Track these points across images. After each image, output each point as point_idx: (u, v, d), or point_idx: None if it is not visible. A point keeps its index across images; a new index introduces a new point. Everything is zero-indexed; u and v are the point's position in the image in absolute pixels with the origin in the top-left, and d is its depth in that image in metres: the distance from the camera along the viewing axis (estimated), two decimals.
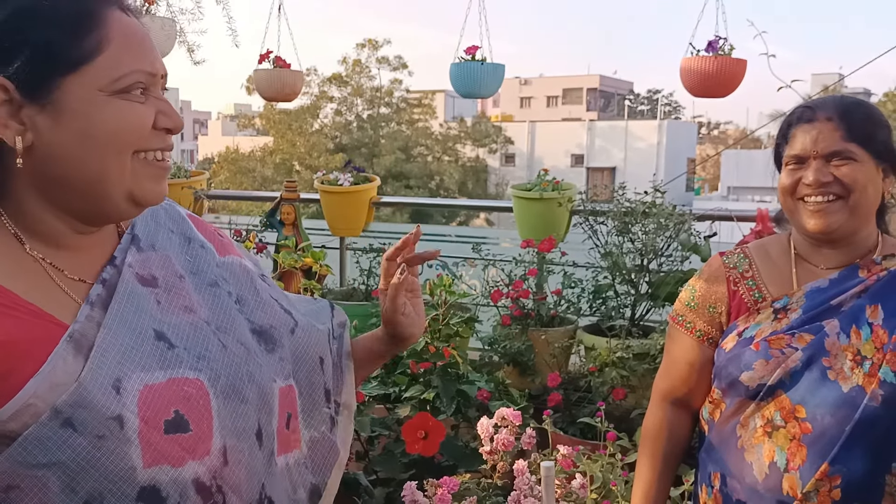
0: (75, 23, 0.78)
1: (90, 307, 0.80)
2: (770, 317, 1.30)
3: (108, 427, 0.74)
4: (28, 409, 0.71)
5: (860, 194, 1.24)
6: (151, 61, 0.82)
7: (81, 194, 0.81)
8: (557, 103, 43.80)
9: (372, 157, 24.00)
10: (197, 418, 0.80)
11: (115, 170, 0.80)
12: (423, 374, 2.26)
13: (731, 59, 3.06)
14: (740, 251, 1.41)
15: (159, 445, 0.76)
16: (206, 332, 0.86)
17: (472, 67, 3.47)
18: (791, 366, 1.24)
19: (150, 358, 0.80)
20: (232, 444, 0.83)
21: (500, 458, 1.44)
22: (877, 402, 1.18)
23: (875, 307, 1.24)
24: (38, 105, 0.77)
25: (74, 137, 0.78)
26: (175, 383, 0.80)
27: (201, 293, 0.90)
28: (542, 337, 2.86)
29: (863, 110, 1.29)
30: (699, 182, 34.95)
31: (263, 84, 3.84)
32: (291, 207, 3.74)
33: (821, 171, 1.24)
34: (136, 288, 0.84)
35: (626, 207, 2.99)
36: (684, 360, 1.40)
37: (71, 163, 0.79)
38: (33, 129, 0.77)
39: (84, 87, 0.78)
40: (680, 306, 1.42)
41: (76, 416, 0.73)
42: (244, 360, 0.88)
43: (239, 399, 0.85)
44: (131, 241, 0.89)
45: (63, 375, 0.73)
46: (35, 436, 0.71)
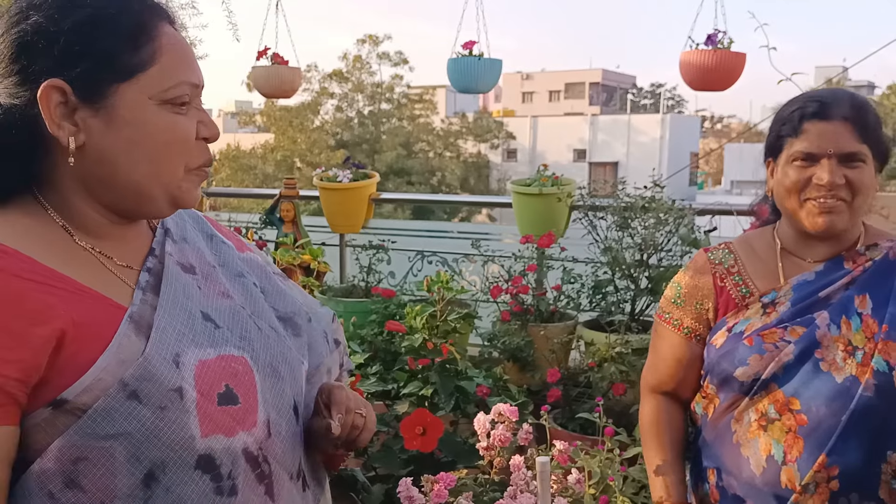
0: (134, 34, 0.83)
1: (142, 292, 0.86)
2: (759, 311, 1.30)
3: (170, 398, 0.78)
4: (98, 383, 0.76)
5: (864, 197, 1.25)
6: (197, 74, 0.88)
7: (125, 195, 0.86)
8: (560, 98, 43.73)
9: (373, 154, 24.00)
10: (244, 392, 0.85)
11: (164, 177, 0.86)
12: (421, 370, 2.26)
13: (730, 52, 3.05)
14: (724, 247, 1.40)
15: (214, 416, 0.81)
16: (243, 315, 0.92)
17: (470, 62, 3.47)
18: (784, 359, 1.24)
19: (201, 336, 0.85)
20: (274, 418, 0.88)
21: (497, 453, 1.44)
22: (871, 392, 1.19)
23: (864, 297, 1.25)
24: (93, 108, 0.82)
25: (124, 142, 0.83)
26: (224, 360, 0.85)
27: (232, 282, 0.96)
28: (542, 332, 2.86)
29: (872, 111, 1.29)
30: (702, 176, 34.89)
31: (261, 81, 3.84)
32: (291, 204, 3.74)
33: (836, 172, 1.23)
34: (180, 274, 0.90)
35: (625, 202, 2.98)
36: (672, 357, 1.40)
37: (120, 166, 0.84)
38: (86, 130, 0.82)
39: (136, 95, 0.83)
40: (666, 303, 1.42)
41: (141, 389, 0.78)
42: (276, 341, 0.93)
43: (276, 377, 0.90)
44: (165, 234, 0.95)
45: (128, 352, 0.79)
46: (103, 408, 0.76)
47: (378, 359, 2.72)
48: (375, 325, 2.89)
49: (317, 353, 1.02)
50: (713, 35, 3.04)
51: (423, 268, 3.85)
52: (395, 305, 3.03)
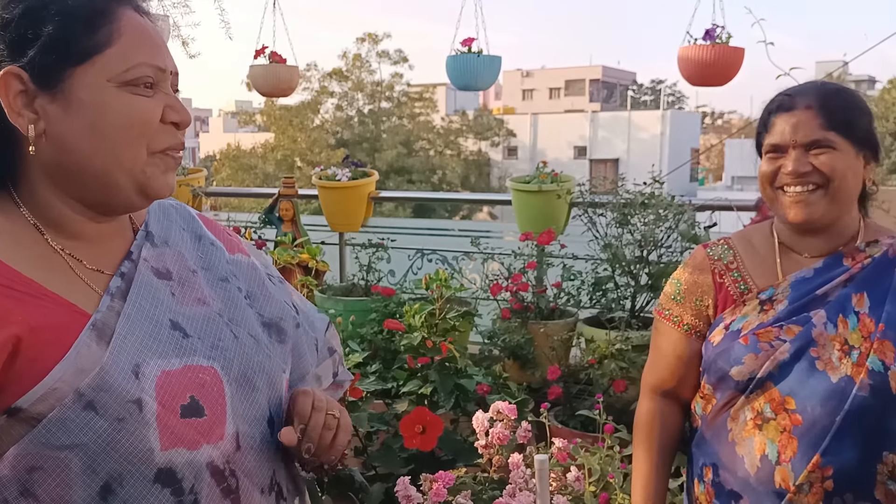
0: (89, 15, 0.81)
1: (110, 298, 0.84)
2: (756, 308, 1.29)
3: (128, 410, 0.77)
4: (54, 392, 0.75)
5: (840, 183, 1.23)
6: (162, 57, 0.85)
7: (92, 184, 0.84)
8: (560, 95, 43.68)
9: (374, 152, 24.00)
10: (211, 404, 0.83)
11: (125, 161, 0.83)
12: (420, 368, 2.25)
13: (729, 47, 3.04)
14: (724, 242, 1.39)
15: (176, 429, 0.79)
16: (218, 323, 0.90)
17: (469, 59, 3.46)
18: (780, 358, 1.23)
19: (166, 346, 0.83)
20: (244, 430, 0.86)
21: (497, 451, 1.44)
22: (866, 392, 1.17)
23: (861, 295, 1.23)
24: (50, 94, 0.80)
25: (83, 127, 0.81)
26: (190, 370, 0.83)
27: (213, 287, 0.94)
28: (542, 330, 2.86)
29: (843, 97, 1.27)
30: (703, 172, 34.84)
31: (259, 79, 3.83)
32: (290, 204, 3.74)
33: (800, 160, 1.23)
34: (152, 280, 0.88)
35: (625, 199, 2.97)
36: (672, 354, 1.39)
37: (80, 152, 0.82)
38: (45, 117, 0.81)
39: (94, 78, 0.81)
40: (665, 300, 1.41)
41: (98, 399, 0.76)
42: (254, 350, 0.91)
43: (250, 387, 0.88)
44: (146, 237, 0.92)
45: (87, 361, 0.77)
46: (58, 418, 0.74)
47: (378, 357, 2.71)
48: (375, 324, 2.89)
49: (303, 361, 0.99)
50: (711, 30, 3.03)
51: (423, 266, 3.84)
52: (394, 304, 3.02)
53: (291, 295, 1.06)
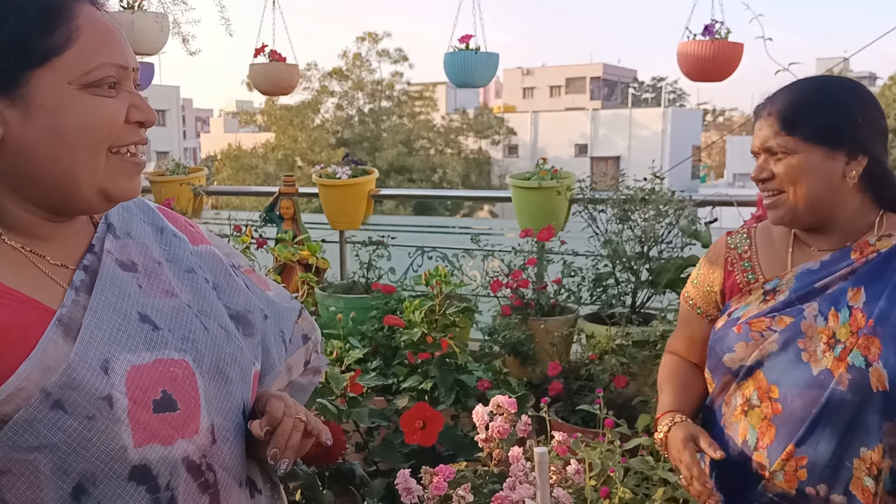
0: (45, 16, 0.78)
1: (75, 292, 0.81)
2: (759, 298, 1.31)
3: (98, 407, 0.74)
4: (20, 392, 0.72)
5: (798, 187, 1.22)
6: (123, 55, 0.82)
7: (51, 189, 0.81)
8: (560, 93, 43.64)
9: (374, 151, 23.99)
10: (184, 398, 0.81)
11: (87, 166, 0.80)
12: (421, 364, 2.25)
13: (728, 42, 3.04)
14: (745, 232, 1.41)
15: (149, 424, 0.77)
16: (188, 314, 0.87)
17: (466, 56, 3.45)
18: (769, 349, 1.25)
19: (135, 339, 0.81)
20: (219, 423, 0.85)
21: (497, 445, 1.44)
22: (844, 387, 1.18)
23: (858, 290, 1.23)
24: (8, 99, 0.77)
25: (44, 132, 0.78)
26: (161, 364, 0.81)
27: (180, 279, 0.91)
28: (542, 326, 2.86)
29: (804, 97, 1.25)
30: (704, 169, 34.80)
31: (259, 78, 3.84)
32: (290, 202, 3.74)
33: (759, 167, 1.27)
34: (118, 272, 0.85)
35: (625, 195, 2.97)
36: (685, 333, 1.46)
37: (41, 158, 0.79)
38: (3, 123, 0.77)
39: (53, 81, 0.78)
40: (688, 284, 1.47)
41: (66, 398, 0.73)
42: (226, 342, 0.89)
43: (223, 379, 0.87)
44: (107, 229, 0.90)
45: (53, 359, 0.74)
46: (25, 419, 0.72)
47: (379, 354, 2.72)
48: (375, 321, 2.89)
49: (269, 355, 0.97)
50: (710, 25, 3.02)
51: (423, 263, 3.85)
52: (395, 301, 3.03)
53: (258, 284, 1.04)
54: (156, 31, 3.16)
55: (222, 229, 3.69)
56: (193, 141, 40.79)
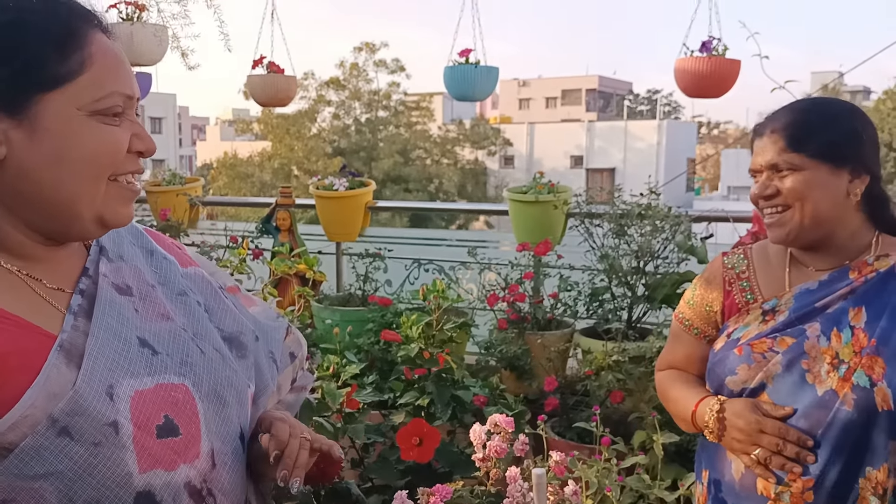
0: (61, 42, 0.78)
1: (74, 317, 0.81)
2: (758, 318, 1.30)
3: (104, 433, 0.74)
4: (25, 419, 0.71)
5: (805, 203, 1.23)
6: (130, 84, 0.83)
7: (50, 213, 0.81)
8: (556, 104, 43.83)
9: (370, 161, 24.03)
10: (185, 422, 0.81)
11: (87, 192, 0.80)
12: (417, 380, 2.25)
13: (725, 59, 3.06)
14: (742, 252, 1.41)
15: (153, 450, 0.77)
16: (184, 338, 0.87)
17: (466, 70, 3.47)
18: (773, 371, 1.24)
19: (137, 364, 0.80)
20: (219, 448, 0.85)
21: (494, 464, 1.44)
22: (849, 407, 1.17)
23: (859, 310, 1.23)
24: (16, 120, 0.77)
25: (48, 156, 0.78)
26: (163, 388, 0.80)
27: (173, 302, 0.91)
28: (539, 341, 2.85)
29: (807, 115, 1.27)
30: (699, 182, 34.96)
31: (257, 89, 3.85)
32: (287, 213, 3.74)
33: (763, 184, 1.27)
34: (115, 296, 0.85)
35: (621, 210, 2.98)
36: (683, 354, 1.44)
37: (42, 181, 0.79)
38: (8, 143, 0.77)
39: (63, 106, 0.78)
40: (683, 304, 1.45)
41: (73, 424, 0.73)
42: (221, 365, 0.89)
43: (221, 403, 0.87)
44: (100, 252, 0.89)
45: (57, 385, 0.74)
46: (31, 446, 0.71)
47: (375, 368, 2.71)
48: (372, 334, 2.88)
49: (262, 376, 0.97)
50: (708, 42, 3.05)
51: (419, 276, 3.84)
52: (391, 314, 3.02)
53: (244, 303, 1.03)
54: (154, 44, 3.17)
55: (218, 240, 3.69)
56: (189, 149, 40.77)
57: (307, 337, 2.72)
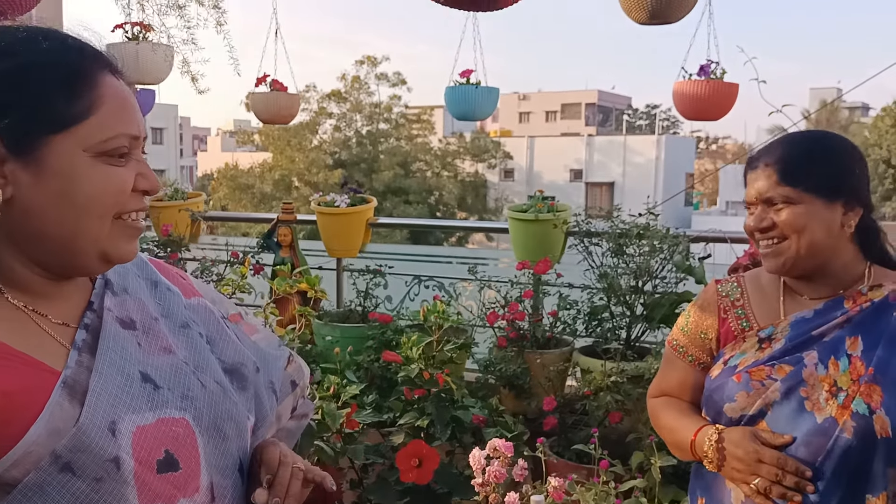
0: (70, 84, 0.80)
1: (78, 353, 0.82)
2: (755, 346, 1.32)
3: (106, 469, 0.75)
4: (28, 456, 0.73)
5: (801, 235, 1.26)
6: (137, 125, 0.84)
7: (54, 251, 0.82)
8: (556, 118, 44.00)
9: (371, 173, 24.06)
10: (185, 457, 0.82)
11: (92, 231, 0.82)
12: (417, 400, 2.26)
13: (723, 82, 3.10)
14: (735, 280, 1.43)
15: (153, 485, 0.78)
16: (185, 372, 0.88)
17: (467, 91, 3.51)
18: (772, 398, 1.25)
19: (139, 400, 0.81)
20: (218, 481, 0.85)
21: (493, 489, 1.45)
22: (849, 434, 1.19)
23: (855, 339, 1.25)
24: (23, 160, 0.78)
25: (54, 196, 0.79)
26: (164, 423, 0.82)
27: (175, 335, 0.92)
28: (538, 360, 2.86)
29: (802, 149, 1.30)
30: (698, 197, 35.02)
31: (260, 106, 3.88)
32: (288, 229, 3.75)
33: (759, 216, 1.30)
34: (119, 331, 0.86)
35: (620, 229, 3.00)
36: (677, 381, 1.45)
37: (48, 220, 0.80)
38: (14, 183, 0.78)
39: (70, 147, 0.79)
40: (676, 331, 1.46)
41: (75, 460, 0.74)
42: (222, 398, 0.90)
43: (221, 437, 0.88)
44: (105, 286, 0.91)
45: (61, 421, 0.75)
46: (35, 482, 0.72)
47: (374, 386, 2.72)
48: (372, 352, 2.89)
49: (262, 407, 0.98)
50: (706, 66, 3.08)
51: (420, 292, 3.86)
52: (392, 331, 3.03)
53: (248, 332, 1.04)
54: (159, 62, 3.21)
55: (219, 255, 3.70)
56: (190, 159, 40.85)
57: (307, 354, 2.74)
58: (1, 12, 1.89)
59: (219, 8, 3.47)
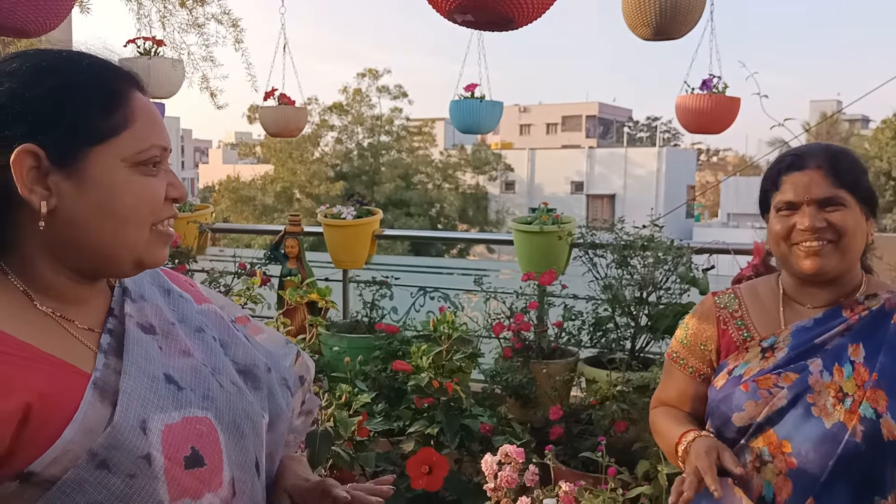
0: (106, 100, 0.86)
1: (104, 356, 0.86)
2: (758, 355, 1.35)
3: (139, 466, 0.79)
4: (66, 454, 0.76)
5: (850, 238, 1.30)
6: (166, 137, 0.91)
7: (91, 258, 0.88)
8: (557, 130, 44.15)
9: (372, 185, 24.13)
10: (210, 453, 0.86)
11: (130, 239, 0.88)
12: (427, 408, 2.29)
13: (725, 97, 3.14)
14: (731, 292, 1.47)
15: (182, 480, 0.82)
16: (204, 373, 0.93)
17: (472, 105, 3.55)
18: (778, 405, 1.29)
19: (165, 400, 0.86)
20: (238, 476, 0.90)
21: (504, 494, 1.48)
22: (858, 438, 1.23)
23: (857, 346, 1.29)
24: (65, 172, 0.84)
25: (94, 206, 0.85)
26: (189, 422, 0.86)
27: (192, 339, 0.97)
28: (544, 370, 2.89)
29: (849, 158, 1.35)
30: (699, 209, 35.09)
31: (269, 120, 3.93)
32: (295, 241, 3.79)
33: (815, 216, 1.30)
34: (141, 336, 0.91)
35: (624, 241, 3.04)
36: (677, 392, 1.48)
37: (89, 230, 0.86)
38: (58, 194, 0.84)
39: (109, 158, 0.85)
40: (675, 343, 1.49)
41: (111, 458, 0.78)
42: (238, 398, 0.95)
43: (239, 434, 0.92)
44: (123, 293, 0.95)
45: (94, 421, 0.79)
46: (73, 479, 0.76)
47: (382, 396, 2.75)
48: (379, 362, 2.93)
49: (277, 405, 1.02)
50: (708, 80, 3.13)
51: (425, 303, 3.90)
52: (398, 342, 3.07)
53: (254, 334, 1.09)
54: (172, 76, 3.27)
55: (227, 266, 3.74)
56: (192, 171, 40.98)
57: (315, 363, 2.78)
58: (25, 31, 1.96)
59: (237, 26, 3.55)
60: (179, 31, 3.29)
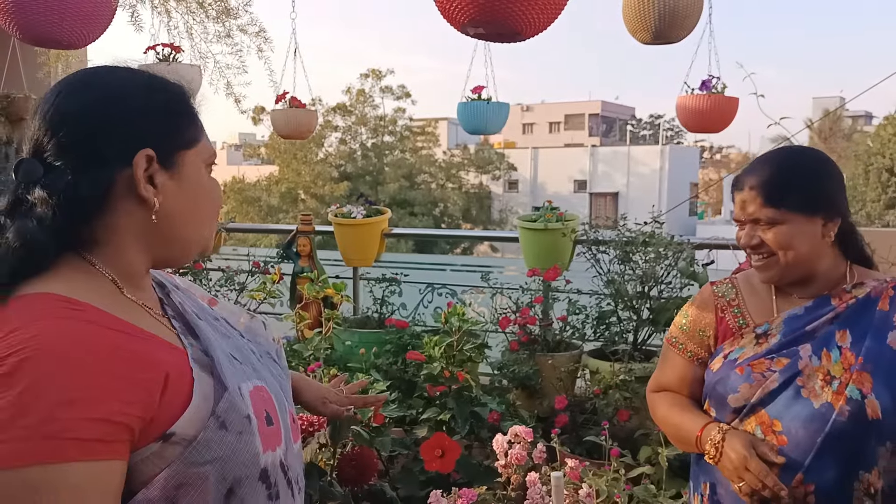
0: (191, 112, 1.02)
1: (184, 337, 0.98)
2: (752, 341, 1.45)
3: (244, 425, 0.92)
4: (196, 416, 0.89)
5: (787, 251, 1.39)
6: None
7: (175, 247, 1.00)
8: (560, 129, 44.19)
9: (376, 185, 24.23)
10: (273, 414, 1.00)
11: (206, 230, 1.03)
12: (439, 396, 2.40)
13: (724, 97, 3.24)
14: (728, 281, 1.57)
15: (266, 435, 0.95)
16: (247, 350, 1.07)
17: (479, 106, 3.66)
18: (770, 387, 1.39)
19: (239, 371, 0.99)
20: (285, 433, 1.04)
21: (514, 471, 1.59)
22: (844, 417, 1.32)
23: (844, 332, 1.39)
24: (169, 172, 0.97)
25: (188, 201, 0.99)
26: (257, 390, 0.99)
27: (217, 321, 1.09)
28: (549, 362, 3.00)
29: (782, 171, 1.41)
30: (702, 206, 35.11)
31: (280, 123, 4.04)
32: (307, 239, 3.91)
33: (749, 234, 1.41)
34: (196, 320, 1.03)
35: (627, 237, 3.14)
36: (675, 376, 1.57)
37: (183, 223, 0.99)
38: (164, 192, 0.96)
39: (195, 160, 1.01)
40: (675, 329, 1.58)
41: (228, 419, 0.91)
42: (274, 368, 1.10)
43: (282, 398, 1.07)
44: (161, 286, 1.07)
45: (207, 389, 0.92)
46: (204, 438, 0.88)
47: (394, 387, 2.86)
48: (391, 355, 3.04)
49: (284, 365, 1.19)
50: (707, 81, 3.24)
51: (433, 300, 4.01)
52: (408, 336, 3.18)
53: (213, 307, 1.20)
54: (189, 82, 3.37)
55: (241, 265, 3.86)
56: None
57: (328, 357, 2.89)
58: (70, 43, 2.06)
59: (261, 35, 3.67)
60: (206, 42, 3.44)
